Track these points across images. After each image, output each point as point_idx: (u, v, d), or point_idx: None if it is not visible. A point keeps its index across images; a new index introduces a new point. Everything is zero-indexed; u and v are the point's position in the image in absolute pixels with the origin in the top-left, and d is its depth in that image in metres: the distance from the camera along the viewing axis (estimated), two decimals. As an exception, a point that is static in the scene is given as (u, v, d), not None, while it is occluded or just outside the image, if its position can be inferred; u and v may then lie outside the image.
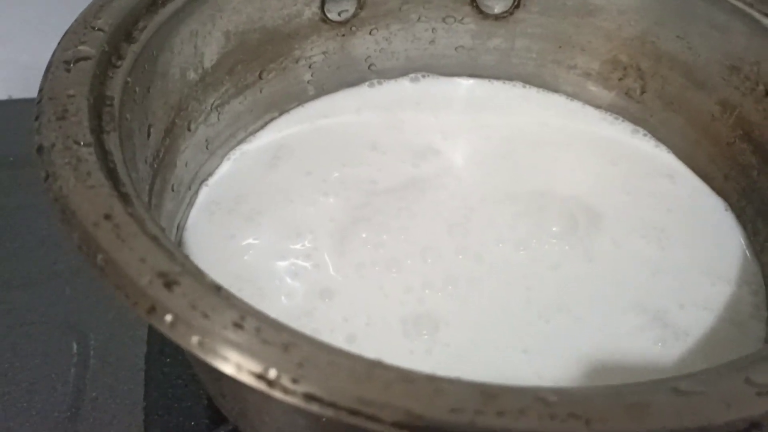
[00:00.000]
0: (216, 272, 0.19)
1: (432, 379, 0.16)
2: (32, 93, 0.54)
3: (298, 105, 0.37)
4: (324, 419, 0.15)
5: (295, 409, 0.17)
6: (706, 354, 0.27)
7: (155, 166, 0.27)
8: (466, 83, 0.39)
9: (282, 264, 0.30)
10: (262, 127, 0.36)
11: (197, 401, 0.32)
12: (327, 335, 0.28)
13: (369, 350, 0.17)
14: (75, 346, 0.35)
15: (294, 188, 0.33)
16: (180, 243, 0.31)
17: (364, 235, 0.31)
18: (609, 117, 0.37)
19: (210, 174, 0.34)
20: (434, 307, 0.29)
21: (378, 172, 0.34)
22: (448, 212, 0.33)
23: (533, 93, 0.39)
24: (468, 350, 0.28)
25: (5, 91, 0.54)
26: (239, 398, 0.22)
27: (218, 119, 0.33)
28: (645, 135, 0.36)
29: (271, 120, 0.36)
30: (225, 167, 0.34)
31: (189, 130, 0.31)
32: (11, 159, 0.44)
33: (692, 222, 0.33)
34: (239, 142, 0.35)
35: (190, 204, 0.32)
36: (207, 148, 0.33)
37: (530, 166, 0.35)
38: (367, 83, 0.38)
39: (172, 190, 0.30)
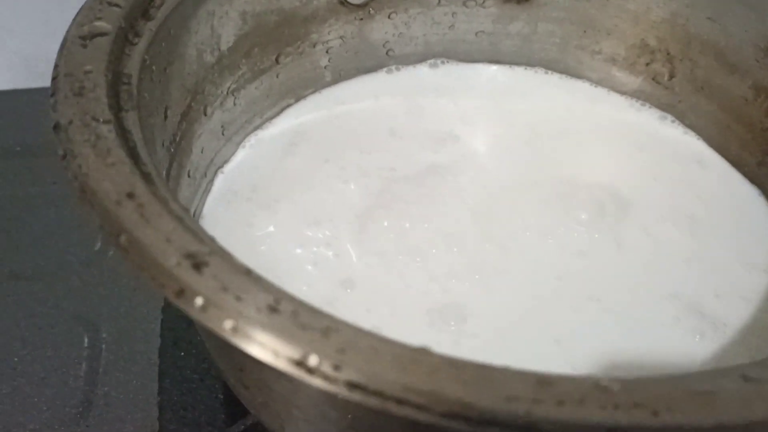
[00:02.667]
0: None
1: (482, 367, 0.15)
2: (36, 83, 0.53)
3: (314, 91, 0.36)
4: (363, 409, 0.14)
5: (328, 400, 0.16)
6: (747, 345, 0.26)
7: (172, 150, 0.26)
8: (486, 69, 0.38)
9: (302, 253, 0.29)
10: (278, 114, 0.35)
11: (213, 396, 0.32)
12: (351, 326, 0.27)
13: (395, 341, 0.16)
14: (86, 339, 0.34)
15: (312, 176, 0.32)
16: (196, 231, 0.30)
17: (385, 224, 0.30)
18: (635, 103, 0.36)
19: (226, 161, 0.32)
20: (460, 296, 0.28)
21: (397, 158, 0.33)
22: (471, 200, 0.32)
23: (555, 79, 0.38)
24: (497, 341, 0.27)
25: (10, 82, 0.53)
26: (264, 389, 0.21)
27: (234, 104, 0.32)
28: (673, 121, 0.35)
29: (288, 106, 0.35)
30: (241, 154, 0.33)
31: (205, 114, 0.30)
32: (18, 149, 0.43)
33: (724, 209, 0.32)
34: (255, 129, 0.34)
35: (206, 191, 0.31)
36: (223, 134, 0.32)
37: (554, 153, 0.34)
38: (385, 69, 0.37)
39: (188, 176, 0.29)
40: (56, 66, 0.21)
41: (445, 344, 0.26)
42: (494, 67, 0.38)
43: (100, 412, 0.32)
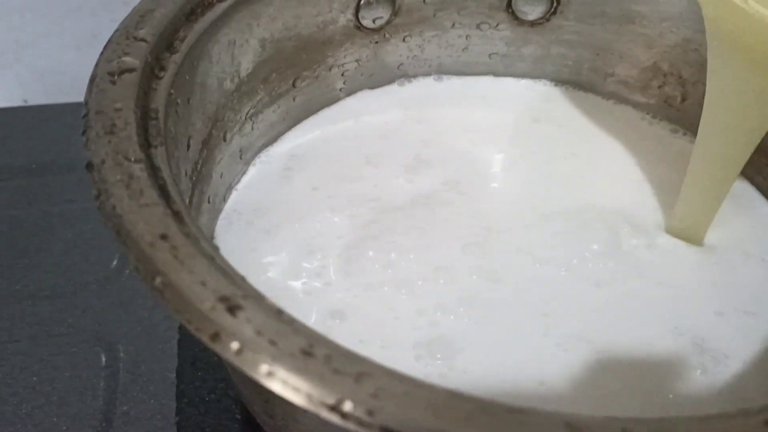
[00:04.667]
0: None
1: (512, 411, 0.15)
2: (48, 99, 0.54)
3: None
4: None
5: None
6: (751, 377, 0.26)
7: (193, 178, 0.27)
8: (489, 81, 0.38)
9: (297, 283, 0.29)
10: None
11: (231, 416, 0.32)
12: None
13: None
14: (104, 359, 0.35)
15: (305, 202, 0.32)
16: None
17: (371, 254, 0.30)
18: (647, 116, 0.36)
19: (239, 180, 0.33)
20: (447, 330, 0.27)
21: (380, 185, 0.33)
22: (464, 228, 0.31)
23: (563, 91, 0.38)
24: (483, 378, 0.26)
25: (21, 96, 0.53)
26: (290, 420, 0.21)
27: (252, 129, 0.32)
28: (685, 134, 0.36)
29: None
30: (251, 172, 0.33)
31: (224, 140, 0.30)
32: (34, 166, 0.44)
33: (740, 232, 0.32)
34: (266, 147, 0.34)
35: (219, 212, 0.31)
36: (241, 158, 0.32)
37: (556, 175, 0.34)
38: (396, 82, 0.38)
39: (208, 203, 0.29)
40: (86, 103, 0.21)
41: (432, 378, 0.25)
42: (505, 79, 0.38)
43: (120, 431, 0.32)
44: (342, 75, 0.36)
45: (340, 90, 0.36)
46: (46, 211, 0.41)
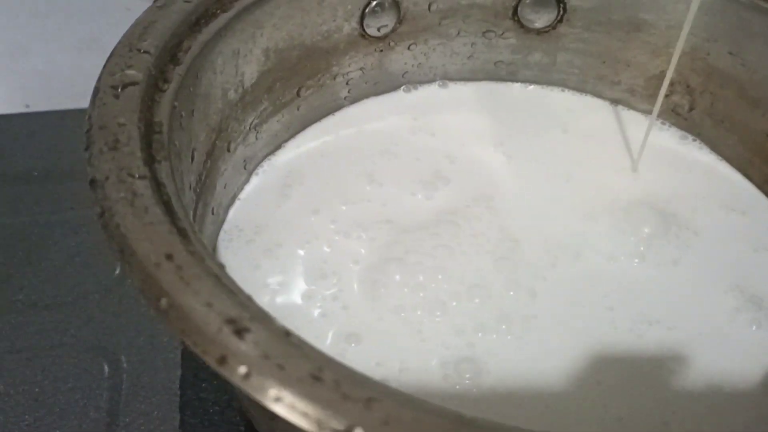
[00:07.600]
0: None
1: (525, 437, 0.15)
2: (50, 104, 0.53)
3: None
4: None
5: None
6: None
7: (198, 190, 0.26)
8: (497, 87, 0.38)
9: (308, 305, 0.28)
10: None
11: (235, 428, 0.31)
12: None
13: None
14: (107, 369, 0.34)
15: (306, 227, 0.31)
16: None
17: (397, 278, 0.29)
18: (656, 122, 0.36)
19: (242, 190, 0.32)
20: (482, 349, 0.27)
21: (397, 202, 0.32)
22: (494, 243, 0.31)
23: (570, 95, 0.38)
24: (514, 393, 0.26)
25: (22, 101, 0.53)
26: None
27: (256, 138, 0.32)
28: (695, 140, 0.36)
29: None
30: (254, 182, 0.32)
31: (228, 150, 0.30)
32: (35, 173, 0.43)
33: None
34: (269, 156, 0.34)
35: (223, 222, 0.31)
36: (245, 168, 0.32)
37: (574, 180, 0.34)
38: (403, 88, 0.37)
39: (212, 213, 0.29)
40: (89, 117, 0.21)
41: (457, 398, 0.26)
42: (513, 85, 0.38)
43: (123, 443, 0.32)
44: (347, 83, 0.35)
45: (345, 98, 0.36)
46: (48, 219, 0.41)
